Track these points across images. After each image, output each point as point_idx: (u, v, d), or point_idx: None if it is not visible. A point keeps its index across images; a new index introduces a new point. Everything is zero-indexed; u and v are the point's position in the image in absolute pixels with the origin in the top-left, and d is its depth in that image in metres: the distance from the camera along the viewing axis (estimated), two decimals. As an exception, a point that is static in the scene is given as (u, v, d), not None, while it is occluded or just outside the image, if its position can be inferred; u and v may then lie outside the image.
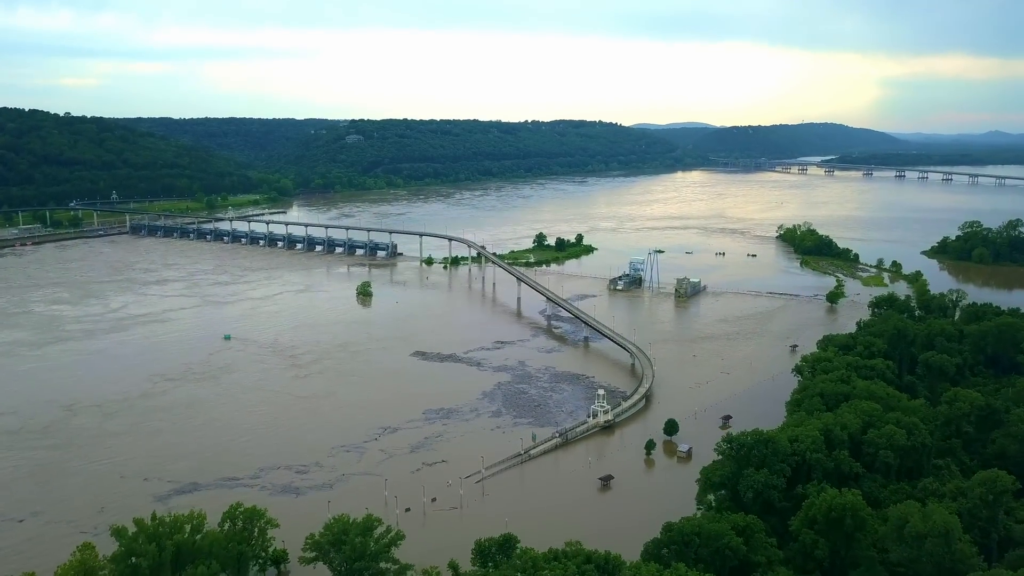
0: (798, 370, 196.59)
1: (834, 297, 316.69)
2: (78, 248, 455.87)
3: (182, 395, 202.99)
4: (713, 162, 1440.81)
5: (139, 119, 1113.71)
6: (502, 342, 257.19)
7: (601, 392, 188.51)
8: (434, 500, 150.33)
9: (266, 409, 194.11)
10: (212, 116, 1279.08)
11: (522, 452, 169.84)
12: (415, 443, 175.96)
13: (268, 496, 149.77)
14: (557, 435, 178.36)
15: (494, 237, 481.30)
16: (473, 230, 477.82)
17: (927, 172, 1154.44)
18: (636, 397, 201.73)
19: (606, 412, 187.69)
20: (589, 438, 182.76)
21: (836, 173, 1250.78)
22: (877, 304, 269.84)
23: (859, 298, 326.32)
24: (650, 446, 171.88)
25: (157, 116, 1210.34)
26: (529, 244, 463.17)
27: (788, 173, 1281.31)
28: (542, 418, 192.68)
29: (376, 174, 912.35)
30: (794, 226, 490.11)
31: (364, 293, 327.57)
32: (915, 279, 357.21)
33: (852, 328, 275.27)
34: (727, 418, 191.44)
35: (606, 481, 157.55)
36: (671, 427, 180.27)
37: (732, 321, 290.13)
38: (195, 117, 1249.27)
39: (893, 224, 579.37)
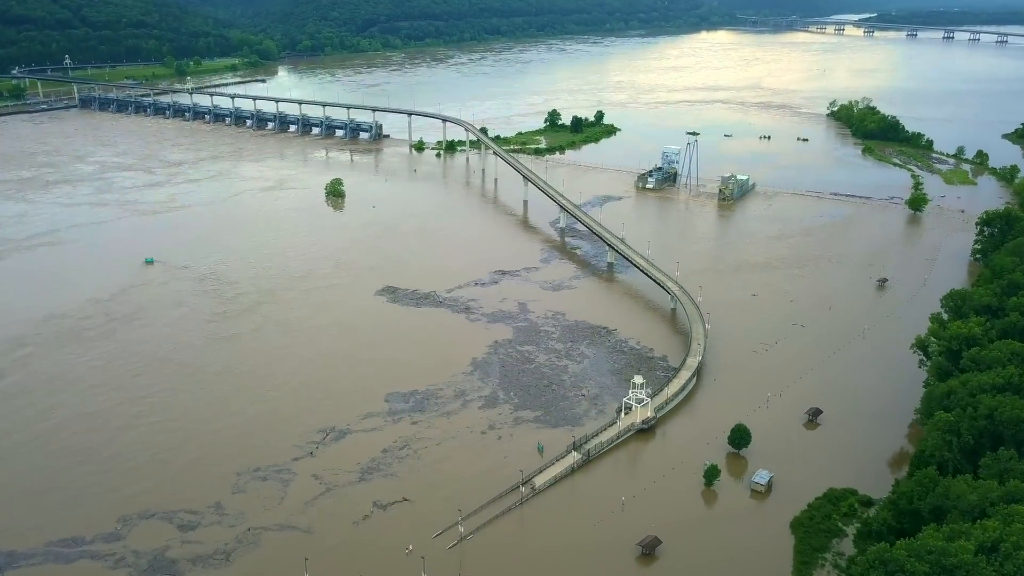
0: (921, 348, 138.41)
1: (917, 203, 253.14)
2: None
3: (45, 371, 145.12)
4: (741, 21, 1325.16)
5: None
6: (502, 272, 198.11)
7: (638, 380, 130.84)
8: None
9: (160, 398, 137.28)
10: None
11: (522, 485, 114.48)
12: (368, 461, 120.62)
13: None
14: (574, 449, 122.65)
15: (496, 114, 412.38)
16: (472, 104, 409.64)
17: (978, 33, 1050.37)
18: (685, 375, 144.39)
19: (644, 405, 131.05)
20: (620, 447, 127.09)
21: (876, 34, 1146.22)
22: (987, 222, 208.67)
23: (944, 202, 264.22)
24: (712, 475, 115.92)
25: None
26: (537, 123, 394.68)
27: (822, 33, 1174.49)
28: (554, 408, 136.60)
29: (371, 34, 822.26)
30: (850, 103, 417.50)
31: (335, 193, 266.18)
32: (1010, 175, 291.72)
33: (949, 249, 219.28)
34: (815, 413, 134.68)
35: (650, 550, 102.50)
36: (739, 437, 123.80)
37: (794, 237, 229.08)
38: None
39: (953, 98, 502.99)
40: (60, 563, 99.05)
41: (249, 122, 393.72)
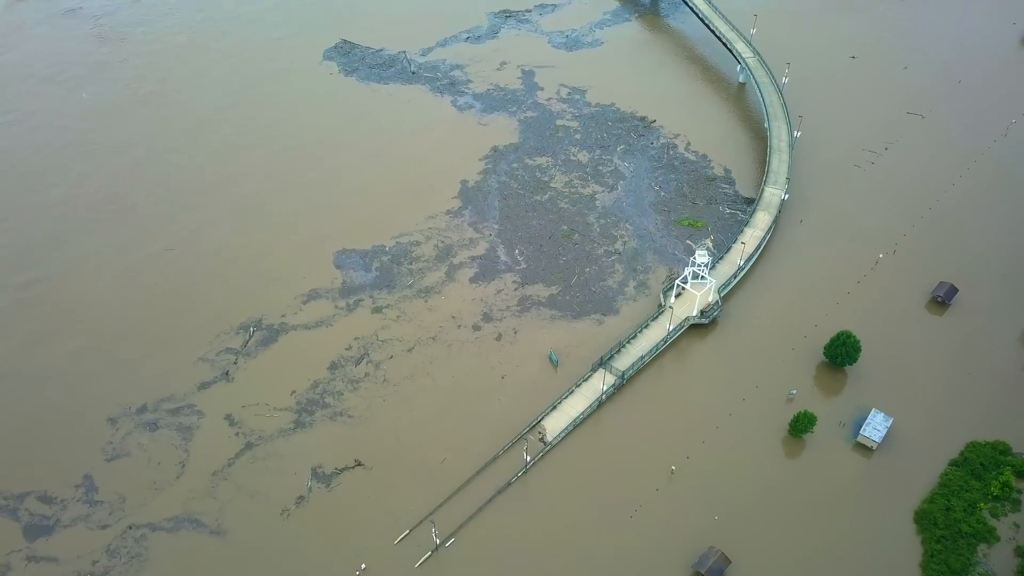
0: None
1: None
2: None
3: None
4: None
5: None
6: (505, 13, 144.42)
7: (701, 258, 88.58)
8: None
9: (16, 287, 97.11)
10: None
11: (524, 436, 79.17)
12: (308, 387, 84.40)
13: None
14: (602, 367, 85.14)
15: None
16: None
17: None
18: (762, 221, 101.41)
19: (705, 285, 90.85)
20: (668, 352, 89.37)
21: None
22: None
23: None
24: (802, 424, 79.34)
25: None
26: None
27: None
28: (576, 278, 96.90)
29: None
30: None
31: None
32: None
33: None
34: (947, 293, 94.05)
35: (714, 573, 69.65)
36: (842, 349, 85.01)
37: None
38: None
39: None
40: None
41: None
